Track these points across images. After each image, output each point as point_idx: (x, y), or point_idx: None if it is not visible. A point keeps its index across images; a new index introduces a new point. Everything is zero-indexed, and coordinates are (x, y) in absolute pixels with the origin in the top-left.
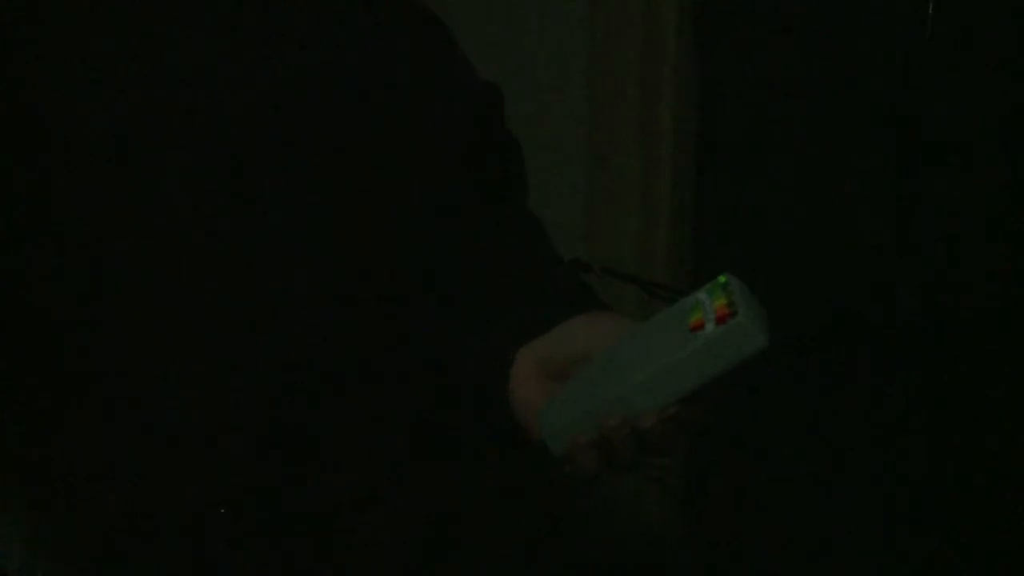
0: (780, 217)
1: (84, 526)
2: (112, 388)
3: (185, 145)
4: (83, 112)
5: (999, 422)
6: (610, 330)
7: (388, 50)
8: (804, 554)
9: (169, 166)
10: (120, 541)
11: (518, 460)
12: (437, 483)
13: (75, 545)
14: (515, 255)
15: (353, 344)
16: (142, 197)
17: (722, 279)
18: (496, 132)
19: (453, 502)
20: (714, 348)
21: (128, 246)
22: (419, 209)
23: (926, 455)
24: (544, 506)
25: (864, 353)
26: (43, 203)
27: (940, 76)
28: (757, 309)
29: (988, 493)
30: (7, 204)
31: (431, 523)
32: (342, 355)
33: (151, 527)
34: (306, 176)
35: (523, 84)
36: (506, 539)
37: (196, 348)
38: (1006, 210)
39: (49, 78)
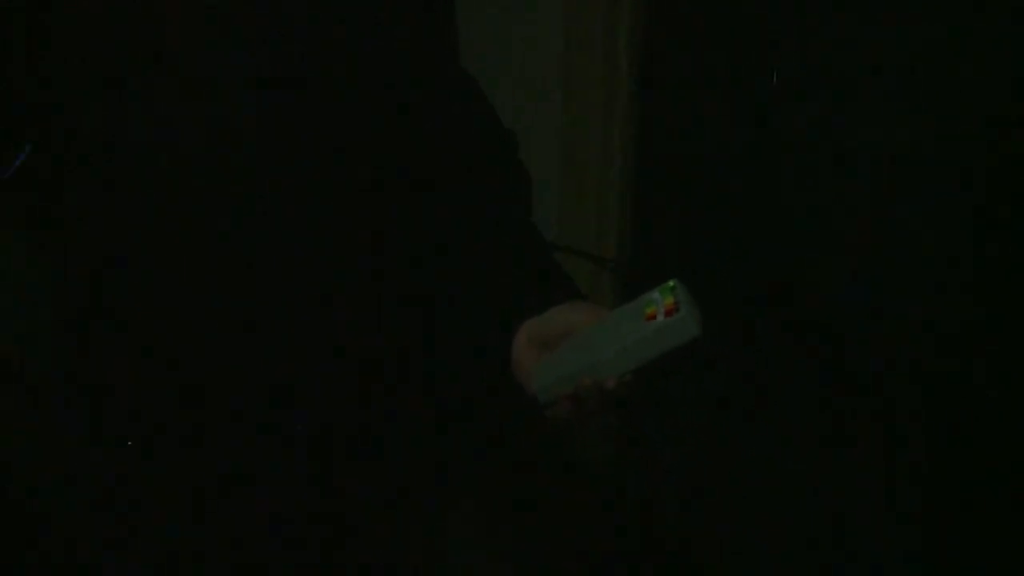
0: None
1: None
2: (114, 387)
3: (188, 146)
4: (81, 112)
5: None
6: (587, 315)
7: (389, 49)
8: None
9: (173, 168)
10: (117, 546)
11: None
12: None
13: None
14: (515, 247)
15: (356, 341)
16: (145, 199)
17: (671, 283)
18: (492, 124)
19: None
20: (661, 334)
21: (130, 246)
22: (421, 209)
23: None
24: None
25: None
26: (45, 203)
27: None
28: (696, 307)
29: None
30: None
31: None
32: (345, 354)
33: (151, 527)
34: (309, 176)
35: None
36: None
37: (197, 348)
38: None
39: (50, 80)
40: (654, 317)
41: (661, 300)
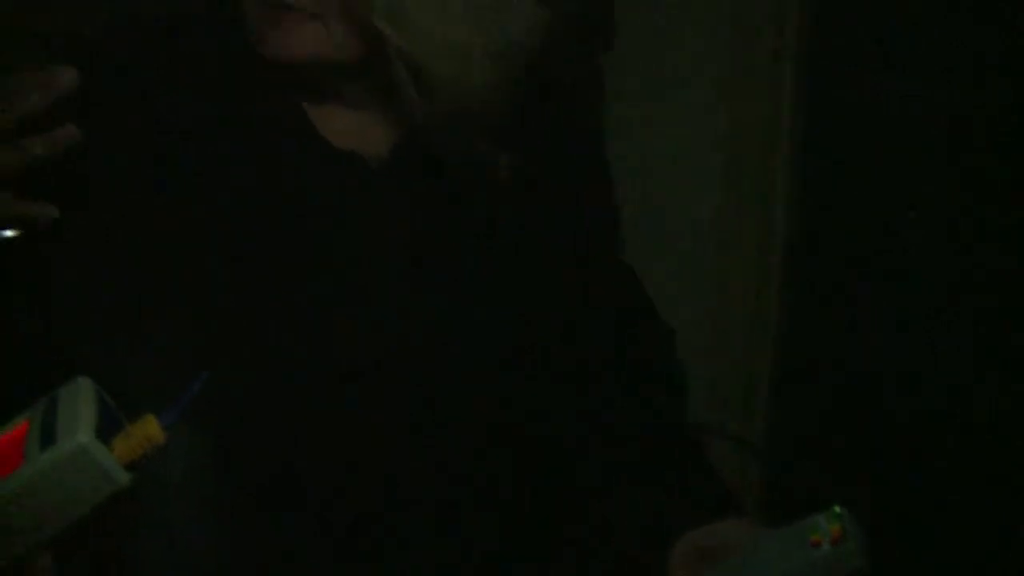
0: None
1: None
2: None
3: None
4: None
5: None
6: (746, 533)
7: (544, 234)
8: None
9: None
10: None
11: None
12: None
13: None
14: (673, 456)
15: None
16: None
17: (837, 509)
18: (648, 316)
19: None
20: (827, 562)
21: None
22: (571, 409)
23: None
24: None
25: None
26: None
27: None
28: (862, 536)
29: None
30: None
31: None
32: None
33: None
34: (452, 356)
35: None
36: None
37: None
38: None
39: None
40: (819, 544)
41: (827, 526)
